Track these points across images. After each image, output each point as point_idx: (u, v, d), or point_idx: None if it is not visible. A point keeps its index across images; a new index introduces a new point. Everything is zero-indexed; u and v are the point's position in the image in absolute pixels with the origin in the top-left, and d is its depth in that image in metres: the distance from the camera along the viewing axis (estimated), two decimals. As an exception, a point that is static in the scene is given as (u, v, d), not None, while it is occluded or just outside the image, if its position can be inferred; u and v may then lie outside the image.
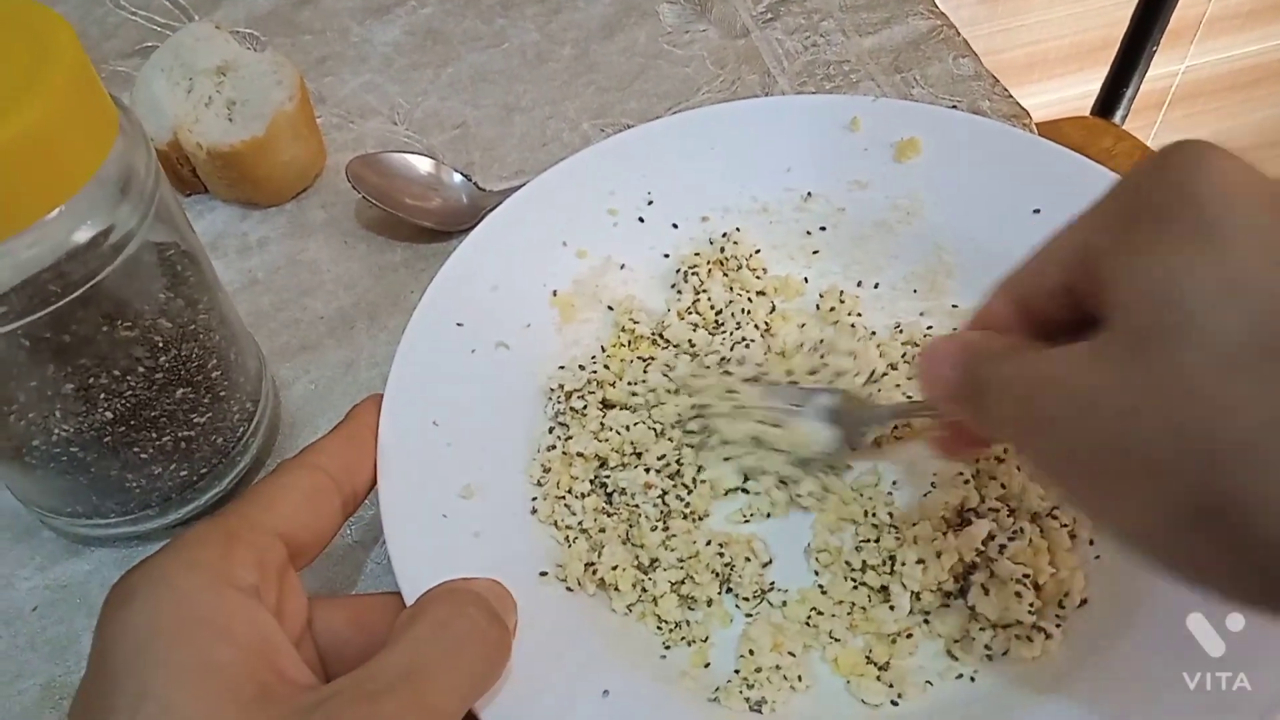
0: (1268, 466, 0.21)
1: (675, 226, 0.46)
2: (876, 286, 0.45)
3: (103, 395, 0.35)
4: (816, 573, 0.38)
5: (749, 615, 0.37)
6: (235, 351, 0.40)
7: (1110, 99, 1.09)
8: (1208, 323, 0.22)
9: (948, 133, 0.45)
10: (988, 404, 0.28)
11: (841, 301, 0.44)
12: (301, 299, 0.49)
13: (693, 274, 0.44)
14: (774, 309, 0.44)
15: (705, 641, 0.36)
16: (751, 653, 0.35)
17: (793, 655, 0.35)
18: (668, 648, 0.36)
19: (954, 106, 0.55)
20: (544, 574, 0.36)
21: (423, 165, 0.52)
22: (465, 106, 0.57)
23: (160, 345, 0.36)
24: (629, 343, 0.43)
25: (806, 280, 0.45)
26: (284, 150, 0.51)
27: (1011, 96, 0.56)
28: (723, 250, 0.45)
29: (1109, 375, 0.24)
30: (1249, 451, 0.21)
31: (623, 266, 0.45)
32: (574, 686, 0.33)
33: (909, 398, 0.40)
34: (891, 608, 0.36)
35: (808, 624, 0.36)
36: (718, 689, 0.35)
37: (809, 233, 0.46)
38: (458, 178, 0.52)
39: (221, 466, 0.41)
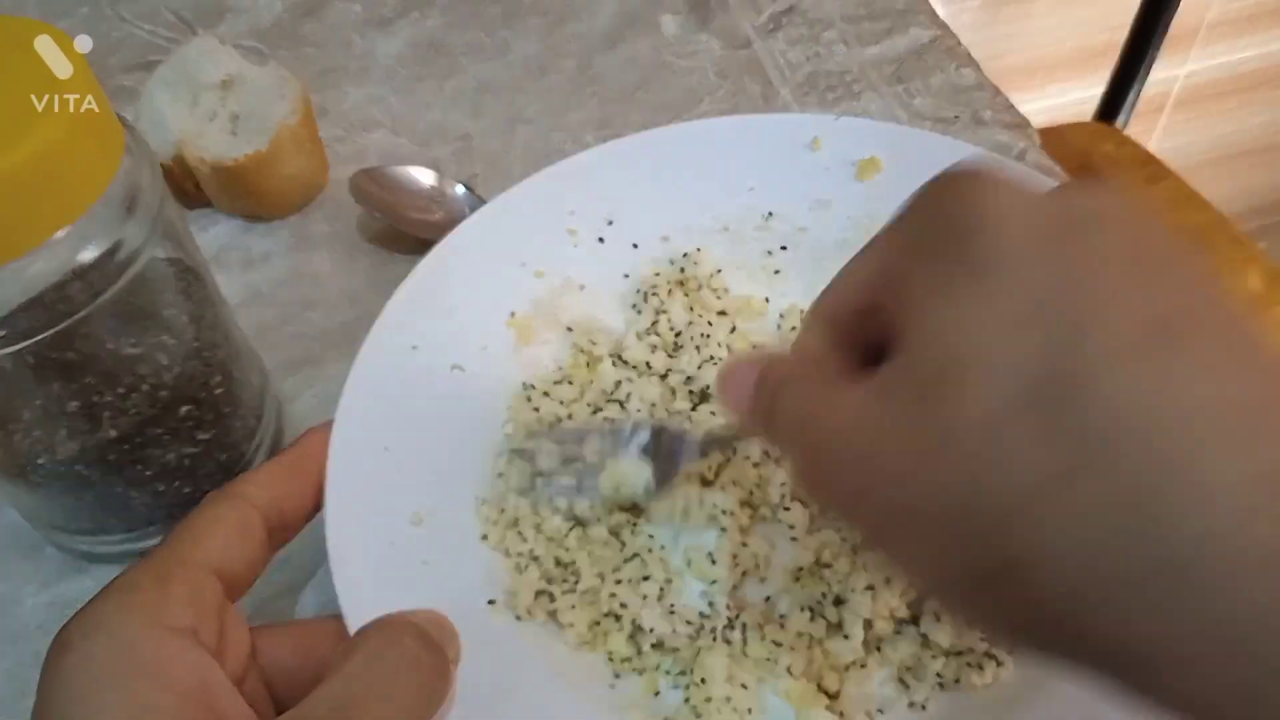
0: (1043, 526, 0.21)
1: (635, 246, 0.45)
2: None
3: (107, 413, 0.35)
4: (768, 598, 0.37)
5: (704, 647, 0.36)
6: (239, 367, 0.40)
7: (1112, 104, 1.10)
8: (980, 375, 0.22)
9: (908, 151, 0.44)
10: (776, 430, 0.28)
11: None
12: (305, 313, 0.49)
13: (653, 294, 0.44)
14: (735, 329, 0.44)
15: (656, 669, 0.36)
16: (703, 681, 0.34)
17: (745, 687, 0.35)
18: (617, 676, 0.36)
19: (955, 117, 0.55)
20: (492, 602, 0.36)
21: (426, 178, 0.52)
22: (468, 119, 0.58)
23: (164, 363, 0.36)
24: (587, 364, 0.43)
25: (768, 300, 0.45)
26: (287, 164, 0.51)
27: (1013, 107, 0.56)
28: (683, 270, 0.44)
29: (889, 422, 0.23)
30: (1024, 514, 0.21)
31: (582, 287, 0.44)
32: (521, 718, 0.33)
33: None
34: (846, 637, 0.35)
35: (768, 659, 0.35)
36: (666, 718, 0.34)
37: (770, 252, 0.45)
38: (461, 190, 0.52)
39: (225, 483, 0.40)
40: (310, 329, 0.49)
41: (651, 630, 0.35)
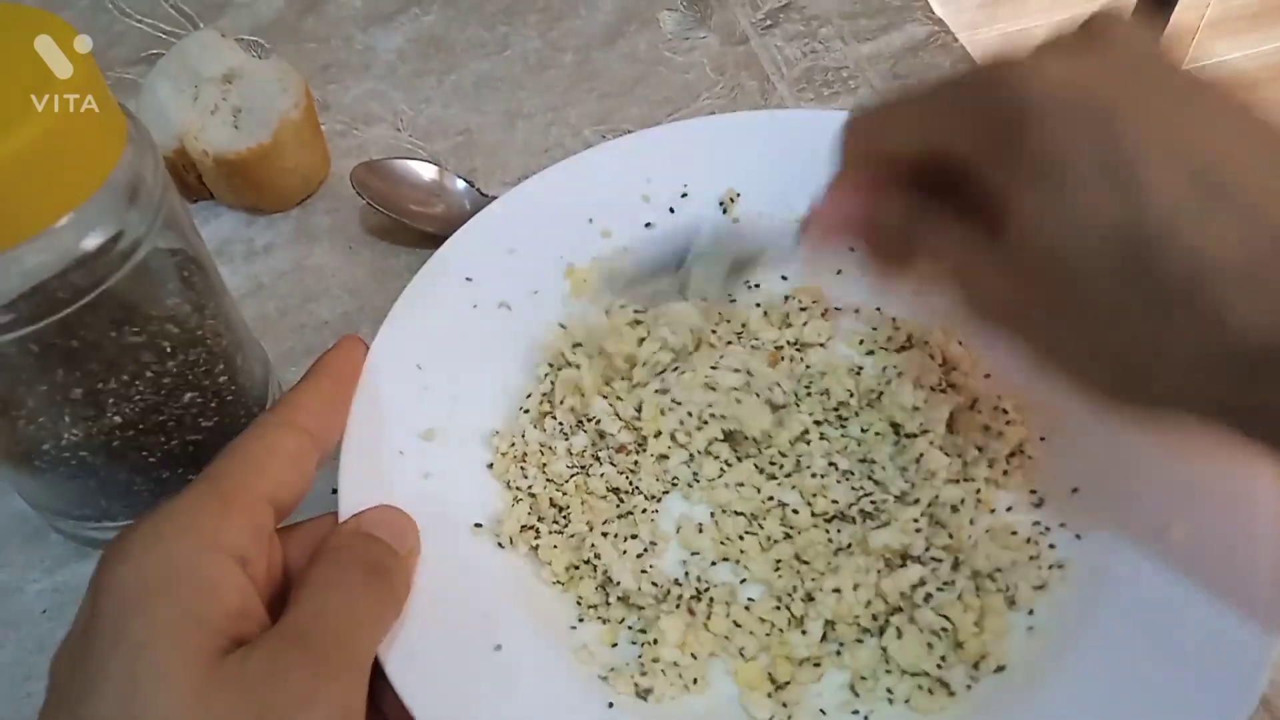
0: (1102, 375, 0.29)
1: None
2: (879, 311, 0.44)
3: (111, 400, 0.35)
4: (744, 581, 0.38)
5: (666, 611, 0.36)
6: (242, 356, 0.40)
7: (1110, 103, 1.10)
8: (1077, 258, 0.26)
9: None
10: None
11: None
12: (307, 304, 0.50)
13: None
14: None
15: (620, 623, 0.37)
16: (656, 643, 0.35)
17: (694, 657, 0.35)
18: (581, 620, 0.37)
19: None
20: (479, 525, 0.37)
21: (426, 171, 0.52)
22: (468, 113, 0.58)
23: (168, 350, 0.36)
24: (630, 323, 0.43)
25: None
26: (289, 157, 0.52)
27: (1009, 102, 0.56)
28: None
29: (1021, 291, 0.29)
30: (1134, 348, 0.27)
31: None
32: (469, 636, 0.34)
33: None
34: (804, 633, 0.36)
35: (725, 637, 0.36)
36: (612, 669, 0.35)
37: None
38: (461, 184, 0.52)
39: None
40: (312, 320, 0.49)
41: (618, 584, 0.36)
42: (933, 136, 0.30)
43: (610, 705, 0.34)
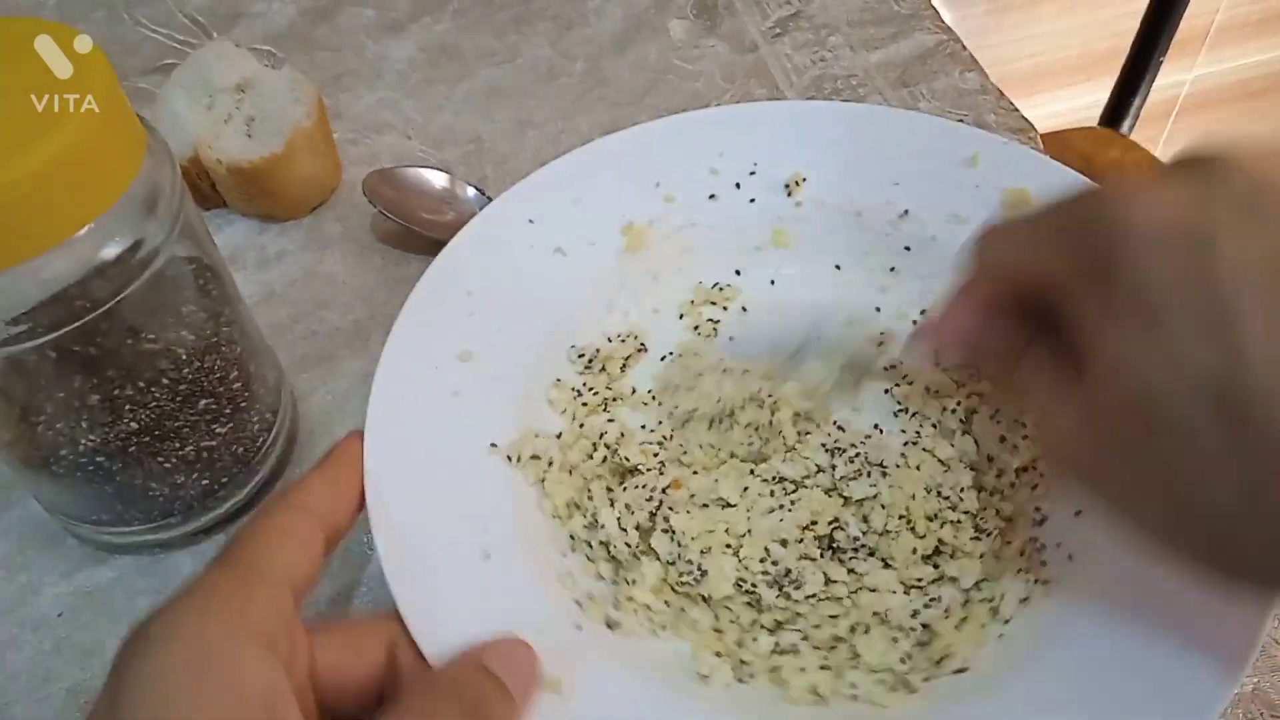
0: (1246, 540, 0.25)
1: (752, 201, 0.46)
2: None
3: (128, 406, 0.36)
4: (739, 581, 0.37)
5: (648, 559, 0.37)
6: (255, 363, 0.41)
7: (1118, 109, 1.10)
8: (1166, 402, 0.24)
9: (1059, 192, 0.43)
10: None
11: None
12: (319, 311, 0.50)
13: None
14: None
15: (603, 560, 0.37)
16: (633, 583, 0.36)
17: (667, 605, 0.36)
18: (573, 549, 0.37)
19: (960, 120, 0.56)
20: (494, 445, 0.38)
21: (437, 180, 0.53)
22: (479, 121, 0.58)
23: (183, 357, 0.37)
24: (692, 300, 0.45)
25: (879, 310, 0.45)
26: (302, 165, 0.52)
27: (1017, 110, 0.57)
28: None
29: (1105, 443, 0.27)
30: (1231, 532, 0.25)
31: (693, 225, 0.45)
32: (462, 539, 0.35)
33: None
34: (773, 636, 0.36)
35: (702, 598, 0.36)
36: (590, 596, 0.35)
37: (891, 249, 0.45)
38: (472, 192, 0.53)
39: (242, 475, 0.41)
40: (324, 327, 0.50)
41: (602, 527, 0.37)
42: (1036, 260, 0.29)
43: (579, 628, 0.34)
